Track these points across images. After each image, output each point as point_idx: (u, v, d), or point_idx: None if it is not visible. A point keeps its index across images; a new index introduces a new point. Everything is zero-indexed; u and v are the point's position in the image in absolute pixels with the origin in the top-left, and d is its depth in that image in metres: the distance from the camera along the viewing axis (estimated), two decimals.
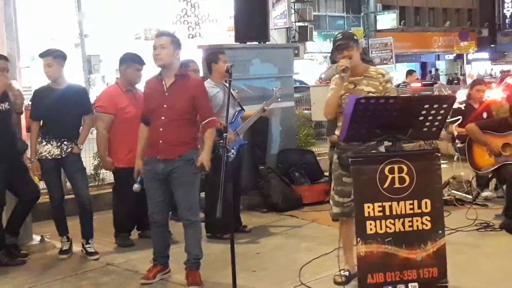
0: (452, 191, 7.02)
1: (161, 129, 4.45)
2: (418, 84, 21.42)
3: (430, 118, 3.66)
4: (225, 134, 4.14)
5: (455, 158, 7.17)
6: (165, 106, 4.44)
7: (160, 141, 4.45)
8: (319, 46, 30.79)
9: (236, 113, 5.95)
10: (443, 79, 36.57)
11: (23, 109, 5.59)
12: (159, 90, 4.50)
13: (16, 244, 5.44)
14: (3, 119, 5.14)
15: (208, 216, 5.92)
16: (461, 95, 10.95)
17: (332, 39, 4.69)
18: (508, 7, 42.41)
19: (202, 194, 6.94)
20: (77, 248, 5.53)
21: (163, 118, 4.44)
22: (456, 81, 34.18)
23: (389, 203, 3.63)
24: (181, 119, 4.46)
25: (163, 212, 4.63)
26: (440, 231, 3.66)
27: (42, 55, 5.33)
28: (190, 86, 4.52)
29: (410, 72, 13.64)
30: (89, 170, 7.46)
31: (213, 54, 6.01)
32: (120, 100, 5.60)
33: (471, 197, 6.87)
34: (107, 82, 18.21)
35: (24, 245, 5.57)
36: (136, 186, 4.71)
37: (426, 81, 26.50)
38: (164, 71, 4.49)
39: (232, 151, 5.72)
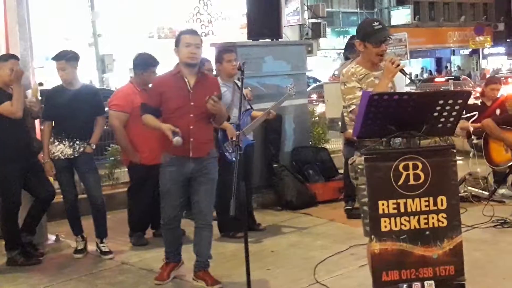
0: (469, 187, 6.95)
1: (191, 127, 4.41)
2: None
3: (445, 114, 3.60)
4: (238, 132, 4.11)
5: (471, 154, 7.09)
6: (192, 104, 4.42)
7: (191, 139, 4.41)
8: (332, 43, 30.70)
9: (243, 112, 5.90)
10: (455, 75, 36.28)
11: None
12: (182, 88, 4.45)
13: (33, 242, 5.46)
14: (17, 119, 5.14)
15: (221, 215, 5.89)
16: None
17: (345, 35, 4.57)
18: None
19: None
20: (92, 247, 5.55)
21: (191, 115, 4.41)
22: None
23: (404, 200, 3.58)
24: (206, 117, 4.50)
25: (180, 215, 4.66)
26: (456, 228, 3.61)
27: (55, 58, 5.34)
28: (212, 85, 4.58)
29: None
30: (104, 169, 7.50)
31: (217, 55, 5.96)
32: (135, 99, 5.58)
33: (487, 193, 6.81)
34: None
35: (39, 244, 5.59)
36: (178, 139, 4.27)
37: (449, 77, 26.25)
38: (189, 69, 4.47)
39: None
